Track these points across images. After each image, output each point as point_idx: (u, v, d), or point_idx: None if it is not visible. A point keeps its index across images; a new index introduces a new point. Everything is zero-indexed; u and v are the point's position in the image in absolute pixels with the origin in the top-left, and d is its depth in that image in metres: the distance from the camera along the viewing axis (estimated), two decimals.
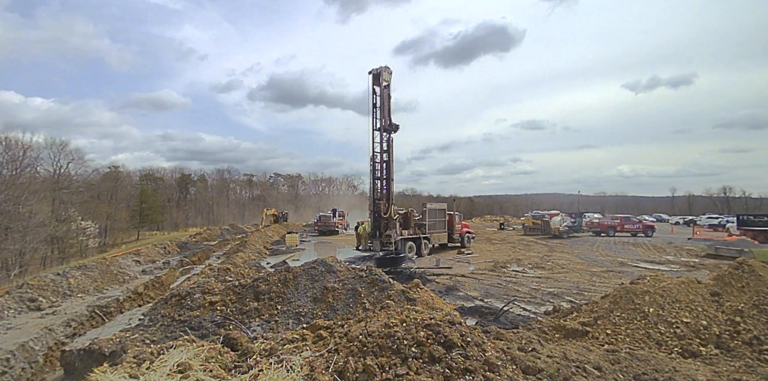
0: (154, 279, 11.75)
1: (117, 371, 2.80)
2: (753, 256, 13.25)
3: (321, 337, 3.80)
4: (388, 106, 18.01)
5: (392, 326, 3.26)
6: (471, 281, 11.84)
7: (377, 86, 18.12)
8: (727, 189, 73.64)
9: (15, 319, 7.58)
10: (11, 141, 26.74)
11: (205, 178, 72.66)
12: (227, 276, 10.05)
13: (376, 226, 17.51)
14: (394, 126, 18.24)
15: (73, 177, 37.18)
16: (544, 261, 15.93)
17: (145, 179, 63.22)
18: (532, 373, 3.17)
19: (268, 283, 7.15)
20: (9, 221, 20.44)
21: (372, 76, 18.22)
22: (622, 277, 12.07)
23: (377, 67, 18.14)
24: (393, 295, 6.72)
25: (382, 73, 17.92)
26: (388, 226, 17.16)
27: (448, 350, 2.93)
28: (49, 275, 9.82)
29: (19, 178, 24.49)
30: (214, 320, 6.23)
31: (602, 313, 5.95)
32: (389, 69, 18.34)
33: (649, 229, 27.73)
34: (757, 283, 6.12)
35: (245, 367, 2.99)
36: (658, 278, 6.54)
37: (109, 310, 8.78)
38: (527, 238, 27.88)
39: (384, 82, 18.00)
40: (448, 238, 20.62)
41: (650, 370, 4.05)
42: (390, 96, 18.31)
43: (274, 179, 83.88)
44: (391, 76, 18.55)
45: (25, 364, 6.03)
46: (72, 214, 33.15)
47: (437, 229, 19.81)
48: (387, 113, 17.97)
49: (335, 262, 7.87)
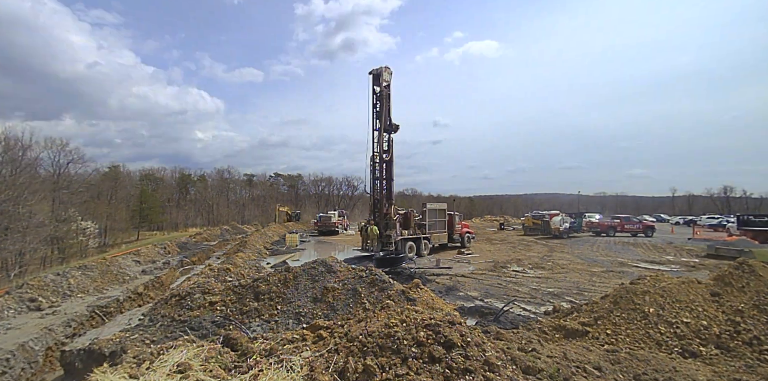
0: (154, 279, 11.74)
1: (117, 371, 2.80)
2: (753, 256, 13.24)
3: (321, 337, 3.80)
4: (388, 106, 18.01)
5: (392, 326, 3.26)
6: (471, 281, 11.84)
7: (377, 86, 18.08)
8: (728, 189, 73.57)
9: (15, 319, 7.58)
10: (11, 141, 26.75)
11: (205, 178, 72.64)
12: (227, 276, 10.06)
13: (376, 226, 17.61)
14: (395, 126, 18.28)
15: (73, 177, 37.16)
16: (544, 261, 15.93)
17: (145, 179, 63.22)
18: (532, 373, 3.17)
19: (268, 283, 7.15)
20: (9, 221, 20.42)
21: (372, 76, 18.18)
22: (622, 277, 12.07)
23: (377, 67, 18.06)
24: (393, 295, 6.71)
25: (382, 74, 17.88)
26: (388, 227, 17.24)
27: (448, 350, 2.93)
28: (49, 275, 9.81)
29: (19, 178, 24.46)
30: (214, 320, 6.23)
31: (602, 313, 5.95)
32: (389, 69, 18.29)
33: (649, 229, 27.74)
34: (758, 283, 6.12)
35: (245, 367, 2.99)
36: (658, 278, 6.53)
37: (109, 310, 8.77)
38: (527, 238, 27.88)
39: (384, 82, 17.97)
40: (448, 238, 20.61)
41: (650, 370, 4.04)
42: (390, 96, 18.28)
43: (274, 179, 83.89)
44: (391, 76, 18.48)
45: (25, 364, 6.03)
46: (72, 214, 33.11)
47: (437, 229, 19.79)
48: (387, 113, 17.97)
49: (335, 262, 7.87)
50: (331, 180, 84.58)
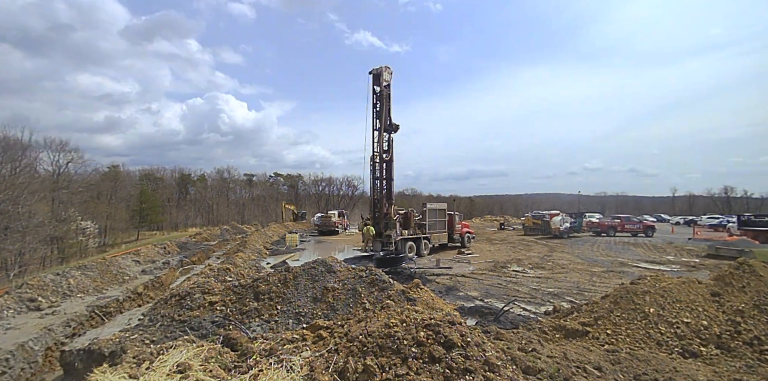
0: (153, 279, 11.74)
1: (117, 371, 2.80)
2: (754, 256, 13.23)
3: (321, 337, 3.80)
4: (388, 106, 17.99)
5: (392, 326, 3.26)
6: (471, 281, 11.83)
7: (377, 86, 18.05)
8: (728, 189, 73.46)
9: (14, 319, 7.58)
10: (10, 140, 26.75)
11: (204, 178, 72.59)
12: (227, 276, 10.06)
13: (376, 227, 17.67)
14: (395, 126, 18.28)
15: (72, 177, 37.15)
16: (544, 261, 15.93)
17: (144, 179, 63.14)
18: (533, 374, 3.16)
19: (268, 283, 7.15)
20: (8, 221, 20.43)
21: (372, 76, 18.14)
22: (623, 277, 12.06)
23: (378, 66, 18.04)
24: (393, 295, 6.71)
25: (382, 73, 17.85)
26: (388, 227, 17.26)
27: (448, 350, 2.92)
28: (49, 275, 9.81)
29: (19, 178, 24.45)
30: (214, 320, 6.23)
31: (602, 313, 5.94)
32: (390, 69, 18.27)
33: (650, 229, 27.72)
34: (758, 283, 6.11)
35: (245, 368, 2.98)
36: (658, 278, 6.53)
37: (108, 310, 8.77)
38: (527, 238, 27.89)
39: (384, 82, 17.94)
40: (448, 238, 20.61)
41: (650, 370, 4.04)
42: (390, 95, 18.25)
43: (274, 179, 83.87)
44: (392, 76, 18.45)
45: (25, 364, 6.02)
46: (72, 214, 33.10)
47: (437, 229, 19.80)
48: (387, 113, 17.96)
49: (335, 262, 7.86)
50: (332, 180, 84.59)
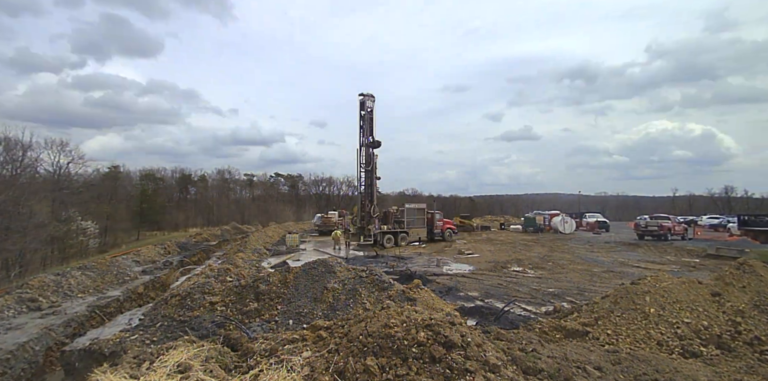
0: (154, 279, 11.75)
1: (117, 371, 2.80)
2: (754, 256, 13.22)
3: (321, 337, 3.79)
4: (370, 127, 22.18)
5: (392, 326, 3.25)
6: (471, 281, 11.83)
7: (363, 111, 22.02)
8: (729, 189, 73.20)
9: (15, 319, 7.59)
10: (11, 141, 26.76)
11: (205, 178, 72.56)
12: (227, 276, 10.06)
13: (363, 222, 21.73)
14: (376, 142, 22.25)
15: (73, 177, 37.15)
16: (544, 261, 15.92)
17: (145, 179, 63.12)
18: (533, 374, 3.16)
19: (268, 284, 7.15)
20: (9, 221, 20.43)
21: (359, 101, 22.15)
22: (623, 277, 12.05)
23: (365, 94, 22.07)
24: (393, 295, 6.72)
25: (365, 102, 22.62)
26: (369, 222, 21.44)
27: (449, 350, 2.92)
28: (50, 275, 9.82)
29: (19, 179, 24.48)
30: (214, 320, 6.23)
31: (603, 313, 5.94)
32: (373, 97, 22.51)
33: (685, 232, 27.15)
34: (758, 283, 6.11)
35: (245, 368, 2.99)
36: (658, 278, 6.52)
37: (109, 310, 8.78)
38: (528, 238, 27.88)
39: (367, 108, 22.11)
40: (428, 233, 23.96)
41: (651, 370, 4.04)
42: (372, 119, 22.41)
43: (275, 179, 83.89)
44: (374, 103, 22.60)
45: (26, 364, 6.03)
46: (72, 214, 33.13)
47: (416, 226, 23.53)
48: (370, 132, 22.09)
49: (335, 263, 7.86)
50: (332, 180, 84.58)
